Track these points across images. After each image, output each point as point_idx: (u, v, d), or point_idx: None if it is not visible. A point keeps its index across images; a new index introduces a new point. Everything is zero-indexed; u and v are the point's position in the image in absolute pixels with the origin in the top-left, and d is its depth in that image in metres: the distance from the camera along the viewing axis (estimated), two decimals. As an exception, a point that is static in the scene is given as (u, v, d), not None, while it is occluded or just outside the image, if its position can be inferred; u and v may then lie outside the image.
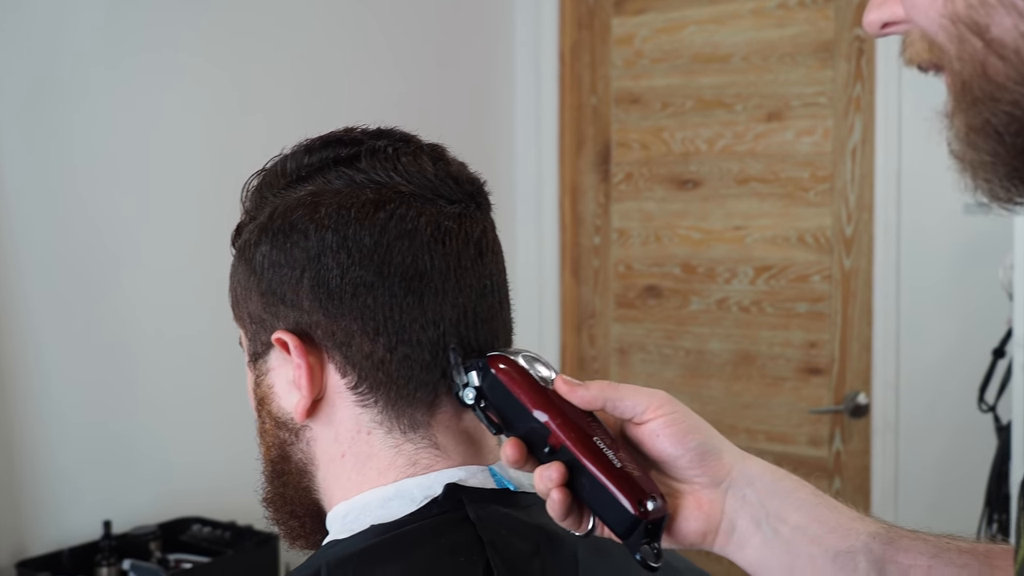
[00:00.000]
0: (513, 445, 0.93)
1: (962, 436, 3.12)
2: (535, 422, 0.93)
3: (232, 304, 1.07)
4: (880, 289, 3.27)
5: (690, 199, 3.60)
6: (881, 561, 0.90)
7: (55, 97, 2.54)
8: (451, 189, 1.01)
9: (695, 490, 0.93)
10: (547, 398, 0.94)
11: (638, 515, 0.89)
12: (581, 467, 0.91)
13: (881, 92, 3.22)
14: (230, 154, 2.80)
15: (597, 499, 0.90)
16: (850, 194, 3.34)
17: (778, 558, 0.91)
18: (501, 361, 0.96)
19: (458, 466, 1.00)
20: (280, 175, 1.04)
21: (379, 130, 1.05)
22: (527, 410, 0.94)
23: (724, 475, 0.93)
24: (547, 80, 3.78)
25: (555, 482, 0.90)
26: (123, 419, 2.69)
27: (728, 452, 0.94)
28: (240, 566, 2.57)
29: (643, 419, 0.93)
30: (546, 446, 0.92)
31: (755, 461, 0.94)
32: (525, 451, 0.93)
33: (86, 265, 2.62)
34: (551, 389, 0.95)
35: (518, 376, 0.95)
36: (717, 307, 3.57)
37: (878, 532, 0.91)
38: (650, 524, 0.89)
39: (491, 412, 0.96)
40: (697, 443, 0.92)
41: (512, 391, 0.95)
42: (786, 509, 0.92)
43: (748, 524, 0.92)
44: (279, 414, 1.03)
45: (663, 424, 0.92)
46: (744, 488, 0.92)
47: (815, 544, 0.90)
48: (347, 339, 0.98)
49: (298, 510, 1.06)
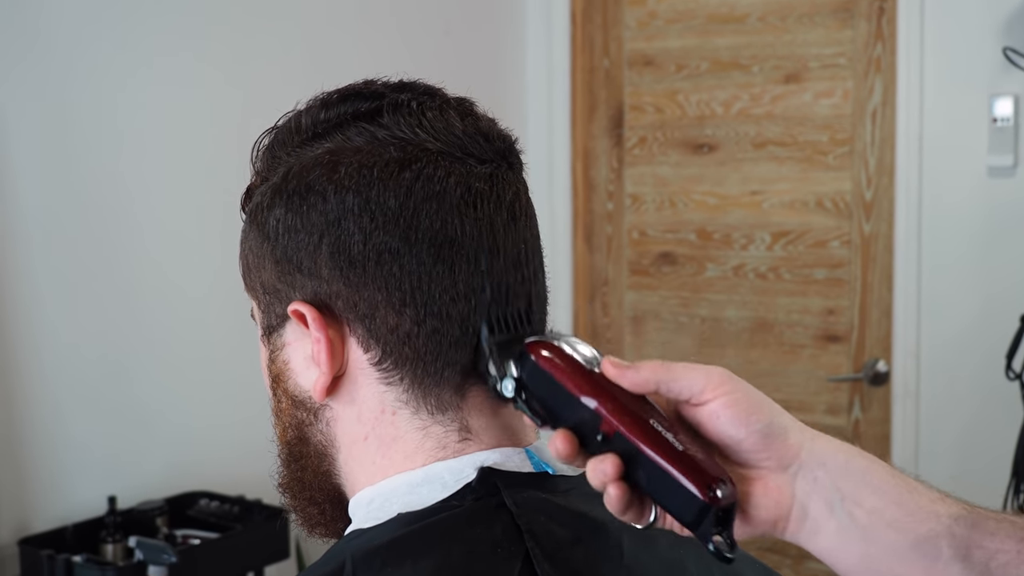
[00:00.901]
0: (563, 438, 0.84)
1: (986, 405, 3.06)
2: (584, 410, 0.84)
3: (243, 273, 0.99)
4: (901, 254, 3.21)
5: (705, 164, 3.53)
6: (966, 546, 0.82)
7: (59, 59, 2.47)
8: (481, 147, 0.93)
9: (762, 475, 0.84)
10: (595, 383, 0.85)
11: (708, 501, 0.80)
12: (639, 454, 0.82)
13: (903, 52, 3.15)
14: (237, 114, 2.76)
15: (660, 487, 0.82)
16: (870, 157, 3.27)
17: (854, 545, 0.83)
18: (541, 347, 0.88)
19: (491, 448, 0.93)
20: (294, 132, 0.96)
21: (401, 83, 0.97)
22: (575, 398, 0.85)
23: (792, 457, 0.84)
24: (558, 42, 3.70)
25: (611, 476, 0.82)
26: (127, 393, 2.65)
27: (795, 431, 0.85)
28: (249, 542, 2.53)
29: (701, 400, 0.84)
30: (598, 435, 0.84)
31: (825, 440, 0.86)
32: (576, 443, 0.84)
33: (90, 233, 2.58)
34: (598, 373, 0.86)
35: (562, 362, 0.86)
36: (733, 274, 3.51)
37: (961, 514, 0.83)
38: (720, 511, 0.81)
39: (534, 403, 0.88)
40: (762, 424, 0.83)
41: (557, 378, 0.86)
42: (861, 491, 0.83)
43: (821, 509, 0.83)
44: (296, 392, 0.96)
45: (723, 404, 0.83)
46: (815, 470, 0.84)
47: (894, 529, 0.82)
48: (370, 311, 0.90)
49: (317, 496, 0.99)
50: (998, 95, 2.99)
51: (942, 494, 0.84)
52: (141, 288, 2.68)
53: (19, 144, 2.43)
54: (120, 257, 2.63)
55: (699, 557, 0.97)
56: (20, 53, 2.43)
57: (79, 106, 2.54)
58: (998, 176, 3.03)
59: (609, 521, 0.92)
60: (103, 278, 2.60)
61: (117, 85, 2.60)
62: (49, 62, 2.47)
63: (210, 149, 2.77)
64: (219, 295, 2.66)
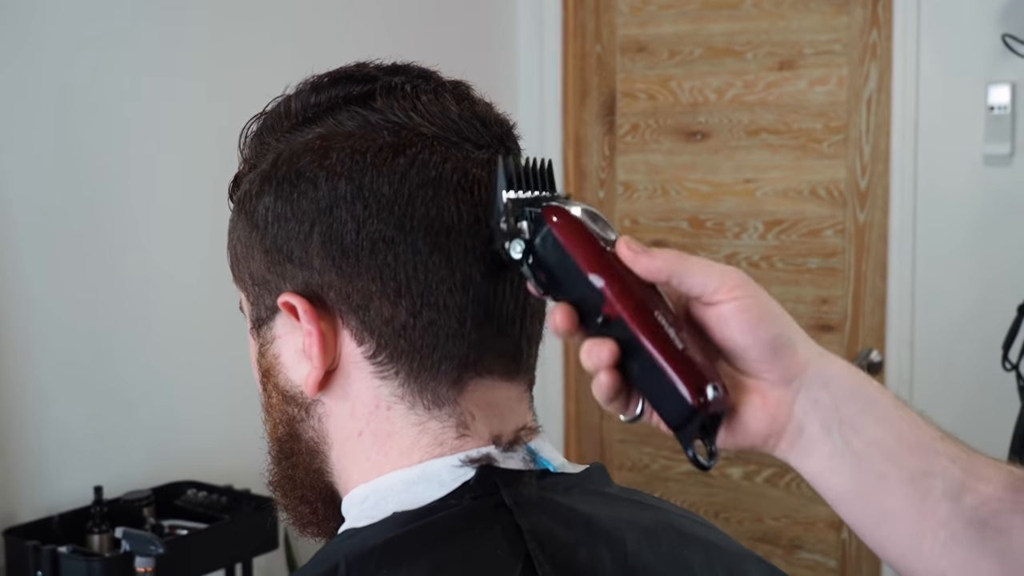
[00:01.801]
0: (563, 313, 0.81)
1: (981, 395, 3.04)
2: (590, 288, 0.81)
3: (231, 264, 0.96)
4: (895, 244, 3.19)
5: (698, 151, 3.50)
6: (959, 487, 0.80)
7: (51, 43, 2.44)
8: (478, 131, 0.90)
9: (762, 386, 0.81)
10: (606, 262, 0.82)
11: (696, 406, 0.78)
12: (637, 344, 0.79)
13: (899, 39, 3.12)
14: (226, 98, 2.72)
15: (651, 382, 0.79)
16: (865, 145, 3.25)
17: (846, 472, 0.81)
18: (557, 214, 0.83)
19: (490, 445, 0.90)
20: (284, 117, 0.93)
21: (395, 65, 0.94)
22: (582, 273, 0.81)
23: (797, 372, 0.81)
24: (550, 28, 3.67)
25: (605, 362, 0.79)
26: (113, 382, 2.62)
27: (804, 347, 0.82)
28: (238, 532, 2.51)
29: (712, 300, 0.81)
30: (599, 316, 0.81)
31: (834, 360, 0.83)
32: (576, 320, 0.82)
33: (77, 222, 2.55)
34: (611, 252, 0.83)
35: (576, 233, 0.82)
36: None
37: (959, 455, 0.81)
38: (707, 418, 0.79)
39: (540, 272, 0.84)
40: (771, 334, 0.80)
41: (567, 249, 0.82)
42: (863, 418, 0.81)
43: (817, 430, 0.81)
44: (287, 387, 0.93)
45: (735, 308, 0.80)
46: (818, 390, 0.81)
47: (890, 461, 0.80)
48: (364, 302, 0.87)
49: (309, 494, 0.95)
50: (995, 82, 2.97)
51: (943, 433, 0.82)
52: (129, 277, 2.65)
53: (7, 128, 2.40)
54: (108, 245, 2.60)
55: (703, 554, 0.94)
56: (11, 38, 2.40)
57: (69, 89, 2.50)
58: (994, 164, 3.01)
59: (612, 520, 0.89)
60: (90, 267, 2.58)
61: (108, 69, 2.57)
62: (41, 46, 2.44)
63: (199, 134, 2.74)
64: (207, 283, 2.63)
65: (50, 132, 2.48)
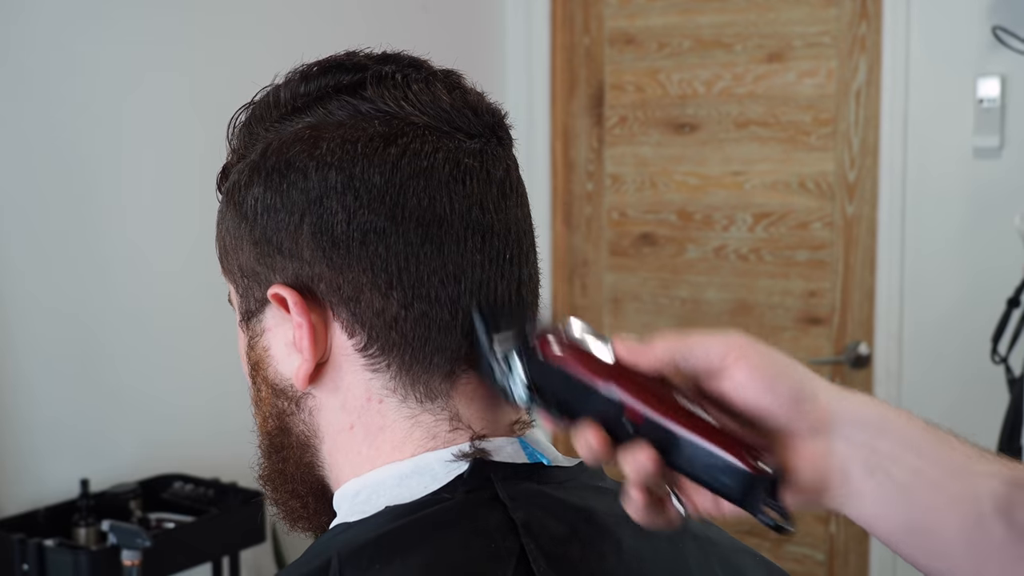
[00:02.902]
0: (595, 436, 0.79)
1: (970, 388, 3.04)
2: (606, 401, 0.79)
3: (220, 256, 0.94)
4: (884, 236, 3.18)
5: (687, 143, 3.49)
6: (1008, 505, 0.77)
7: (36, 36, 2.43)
8: (470, 121, 0.89)
9: (796, 443, 0.79)
10: (611, 369, 0.80)
11: (755, 473, 0.76)
12: (674, 436, 0.78)
13: (888, 31, 3.12)
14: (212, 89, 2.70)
15: (701, 466, 0.77)
16: (854, 138, 3.24)
17: (896, 507, 0.78)
18: (546, 343, 0.82)
19: (483, 438, 0.89)
20: (272, 107, 0.91)
21: (385, 54, 0.93)
22: (594, 390, 0.79)
23: (826, 419, 0.79)
24: (538, 19, 3.65)
25: (651, 466, 0.77)
26: (100, 374, 2.61)
27: (824, 391, 0.80)
28: (225, 525, 2.50)
29: (722, 368, 0.79)
30: (626, 424, 0.79)
31: (857, 397, 0.81)
32: (608, 439, 0.79)
33: (64, 212, 2.54)
34: (611, 359, 0.81)
35: (572, 354, 0.81)
36: (714, 255, 3.48)
37: (999, 472, 0.78)
38: (769, 482, 0.77)
39: (551, 403, 0.82)
40: (789, 387, 0.79)
41: (570, 373, 0.81)
42: (900, 451, 0.78)
43: (860, 472, 0.78)
44: (276, 381, 0.91)
45: (747, 371, 0.78)
46: (850, 431, 0.79)
47: (936, 490, 0.78)
48: (355, 293, 0.86)
49: (300, 489, 0.94)
50: (984, 75, 2.97)
51: (979, 450, 0.80)
52: (117, 270, 2.64)
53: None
54: (95, 238, 2.59)
55: (698, 549, 0.94)
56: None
57: (55, 82, 2.49)
58: (984, 157, 3.01)
59: (607, 514, 0.88)
60: (78, 260, 2.57)
61: (94, 62, 2.56)
62: (25, 39, 2.43)
63: (187, 125, 2.72)
64: (195, 276, 2.62)
65: (37, 126, 2.47)
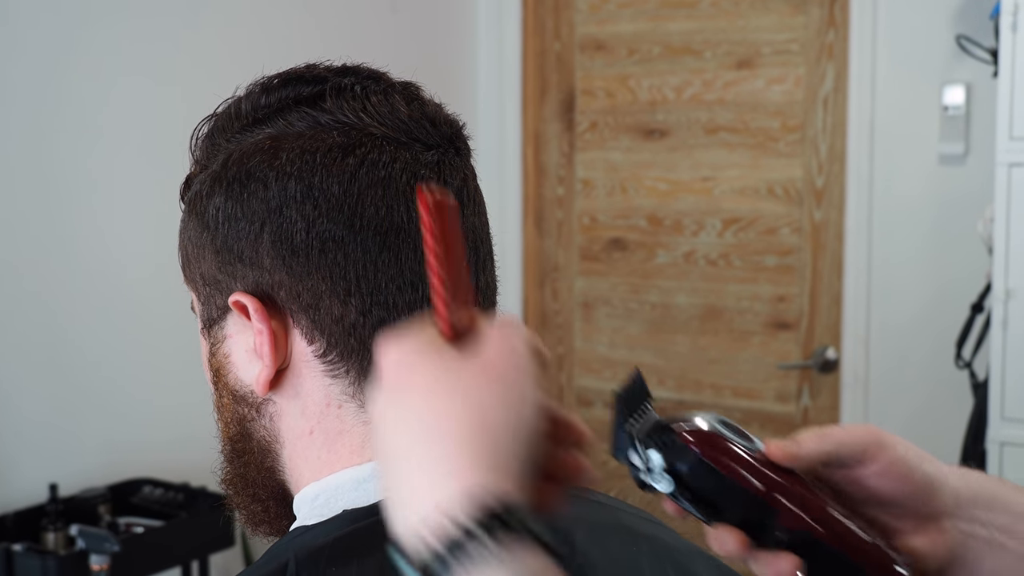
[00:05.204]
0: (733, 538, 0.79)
1: (935, 392, 3.07)
2: (759, 505, 0.78)
3: (182, 264, 0.95)
4: (851, 242, 3.21)
5: (657, 149, 3.51)
6: None
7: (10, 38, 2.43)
8: (427, 132, 0.91)
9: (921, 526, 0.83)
10: (765, 475, 0.79)
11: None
12: (829, 550, 0.78)
13: (855, 39, 3.15)
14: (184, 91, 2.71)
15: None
16: (821, 144, 3.27)
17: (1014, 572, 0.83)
18: (696, 436, 0.79)
19: None
20: (234, 118, 0.93)
21: (344, 67, 0.94)
22: (747, 492, 0.78)
23: (952, 504, 0.82)
24: (509, 24, 3.67)
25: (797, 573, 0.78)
26: (69, 379, 2.61)
27: (951, 477, 0.83)
28: (194, 530, 2.50)
29: (863, 462, 0.81)
30: (778, 530, 0.78)
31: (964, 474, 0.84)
32: (747, 542, 0.79)
33: (34, 214, 2.54)
34: (760, 458, 0.80)
35: (724, 452, 0.79)
36: (684, 260, 3.50)
37: None
38: None
39: (694, 499, 0.80)
40: (922, 477, 0.81)
41: (722, 472, 0.79)
42: (1008, 520, 0.83)
43: (983, 547, 0.82)
44: (237, 387, 0.93)
45: (888, 466, 0.81)
46: (970, 510, 0.83)
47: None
48: (314, 301, 0.87)
49: (261, 493, 0.95)
50: (949, 83, 3.00)
51: None
52: (86, 276, 2.64)
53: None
54: (66, 243, 2.59)
55: (652, 552, 0.95)
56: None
57: (29, 84, 2.49)
58: (949, 164, 3.04)
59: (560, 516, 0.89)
60: (47, 265, 2.56)
61: (68, 64, 2.57)
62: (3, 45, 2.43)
63: (157, 131, 2.73)
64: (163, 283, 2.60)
65: (8, 128, 2.46)
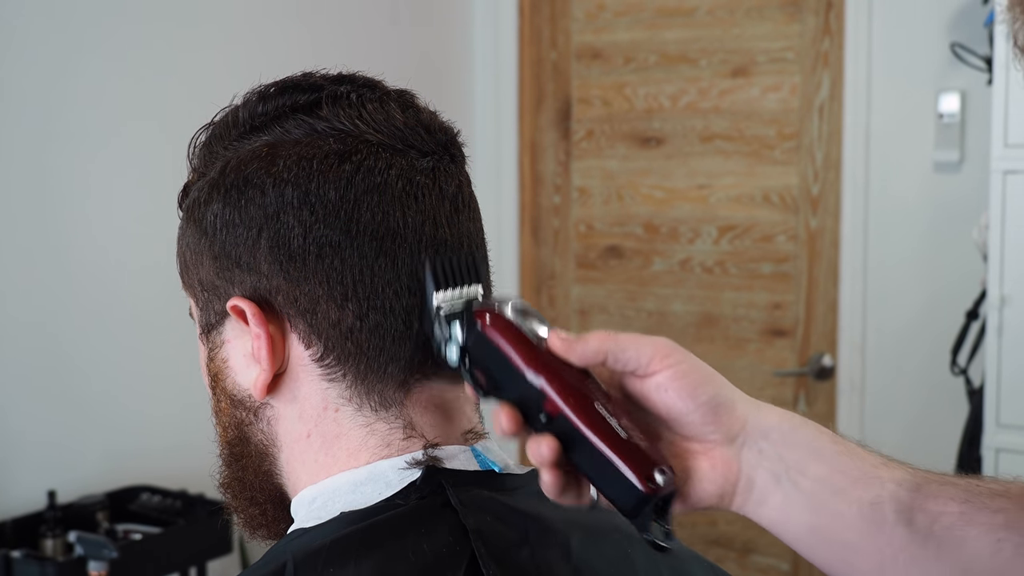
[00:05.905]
0: (507, 414, 0.83)
1: (931, 399, 3.08)
2: (529, 387, 0.83)
3: (180, 271, 0.97)
4: (847, 249, 3.22)
5: (653, 157, 3.52)
6: (909, 510, 0.82)
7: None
8: (422, 139, 0.92)
9: (707, 448, 0.84)
10: (541, 358, 0.83)
11: (647, 492, 0.79)
12: (581, 438, 0.81)
13: (851, 47, 3.16)
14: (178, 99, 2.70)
15: (600, 473, 0.81)
16: (817, 152, 3.28)
17: (801, 514, 0.83)
18: (489, 315, 0.85)
19: (436, 446, 0.91)
20: (231, 126, 0.94)
21: (340, 75, 0.95)
22: (520, 372, 0.83)
23: (739, 428, 0.83)
24: (506, 33, 3.68)
25: (547, 460, 0.81)
26: (67, 385, 2.61)
27: (741, 402, 0.84)
28: (192, 536, 2.50)
29: (648, 371, 0.83)
30: (542, 414, 0.82)
31: (770, 410, 0.85)
32: (520, 420, 0.83)
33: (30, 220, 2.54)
34: (545, 347, 0.84)
35: (508, 333, 0.84)
36: (680, 268, 3.51)
37: (904, 478, 0.83)
38: (659, 500, 0.80)
39: (478, 373, 0.86)
40: (709, 395, 0.83)
41: (503, 351, 0.84)
42: (806, 460, 0.83)
43: (767, 480, 0.83)
44: (235, 391, 0.94)
45: (672, 376, 0.83)
46: (760, 441, 0.83)
47: (839, 496, 0.82)
48: (312, 305, 0.88)
49: (259, 496, 0.97)
50: (944, 91, 3.01)
51: (885, 459, 0.85)
52: (84, 281, 2.64)
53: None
54: (62, 248, 2.59)
55: (648, 557, 0.96)
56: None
57: (23, 86, 2.49)
58: (944, 172, 3.05)
59: (557, 520, 0.91)
60: (44, 271, 2.56)
61: (61, 68, 2.56)
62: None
63: (154, 136, 2.73)
64: (161, 287, 2.61)
65: (5, 135, 2.46)
